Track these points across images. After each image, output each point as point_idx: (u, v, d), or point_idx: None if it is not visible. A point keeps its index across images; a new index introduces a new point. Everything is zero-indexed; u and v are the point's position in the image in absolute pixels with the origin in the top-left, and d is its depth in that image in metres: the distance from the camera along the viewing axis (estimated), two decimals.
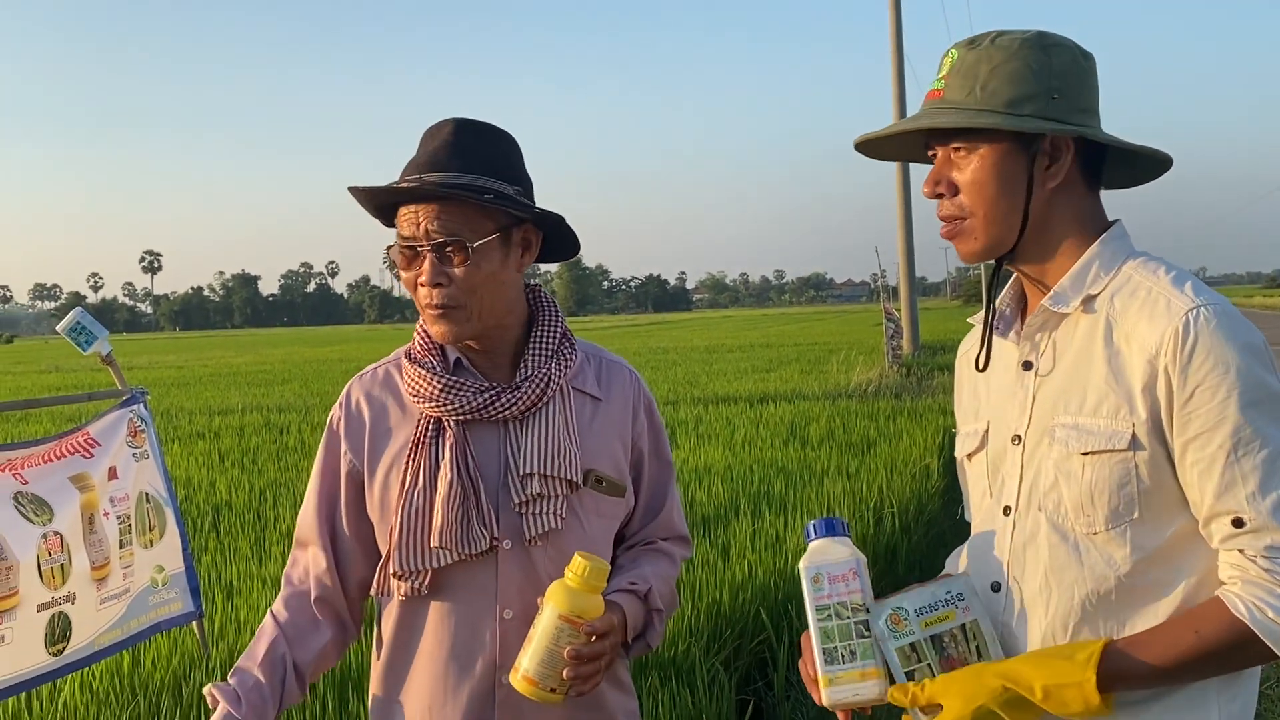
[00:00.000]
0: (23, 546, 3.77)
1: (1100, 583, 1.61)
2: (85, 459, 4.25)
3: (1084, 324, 1.67)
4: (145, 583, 4.44)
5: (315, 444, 12.54)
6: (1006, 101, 1.64)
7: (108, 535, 4.21)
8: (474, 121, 1.98)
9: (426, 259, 1.91)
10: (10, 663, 3.69)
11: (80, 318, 4.63)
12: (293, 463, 11.35)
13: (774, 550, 6.32)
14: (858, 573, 1.66)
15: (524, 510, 1.95)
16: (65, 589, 3.94)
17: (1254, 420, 1.51)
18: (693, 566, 5.92)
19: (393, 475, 2.00)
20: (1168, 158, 1.72)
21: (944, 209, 1.72)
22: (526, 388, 1.98)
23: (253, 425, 15.42)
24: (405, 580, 1.96)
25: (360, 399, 2.07)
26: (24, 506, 3.87)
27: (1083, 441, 1.62)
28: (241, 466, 11.25)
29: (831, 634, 1.64)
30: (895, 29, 25.00)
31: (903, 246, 25.52)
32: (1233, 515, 1.53)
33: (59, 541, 3.94)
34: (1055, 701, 1.52)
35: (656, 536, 2.20)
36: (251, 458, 11.96)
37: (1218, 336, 1.53)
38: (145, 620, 4.41)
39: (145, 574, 4.44)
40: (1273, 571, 1.50)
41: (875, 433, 11.52)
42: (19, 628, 3.73)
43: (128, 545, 4.33)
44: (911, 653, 1.63)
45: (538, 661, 1.81)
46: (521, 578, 1.96)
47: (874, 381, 18.32)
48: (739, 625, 5.21)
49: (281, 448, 12.79)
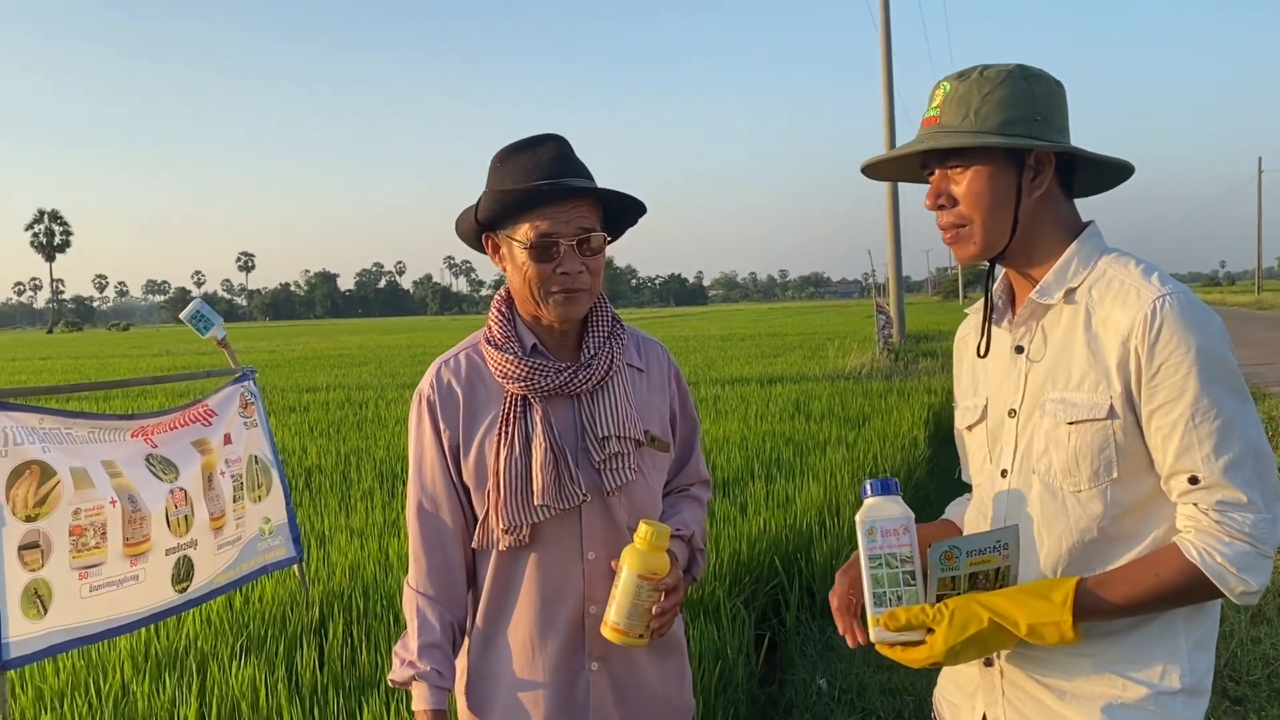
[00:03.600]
0: (153, 500, 3.83)
1: (1084, 533, 1.64)
2: (205, 427, 4.30)
3: (1067, 313, 1.68)
4: (254, 532, 4.50)
5: (390, 417, 12.70)
6: (998, 124, 1.65)
7: (223, 491, 4.27)
8: (563, 137, 1.99)
9: (566, 249, 1.92)
10: (144, 598, 3.76)
11: (200, 307, 4.66)
12: (371, 432, 11.40)
13: (785, 509, 6.33)
14: (908, 528, 1.63)
15: (603, 467, 1.98)
16: (189, 536, 4.00)
17: (1210, 393, 1.54)
18: (715, 522, 5.94)
19: (487, 445, 2.00)
20: (1130, 166, 1.73)
21: (944, 219, 1.73)
22: (596, 365, 2.00)
23: (336, 401, 15.48)
24: (511, 533, 1.97)
25: (451, 379, 2.06)
26: (154, 466, 3.93)
27: (1069, 412, 1.64)
28: (328, 436, 11.29)
29: (881, 580, 1.62)
30: (886, 60, 24.83)
31: (891, 249, 25.41)
32: (1189, 474, 1.56)
33: (184, 496, 4.00)
34: (1035, 635, 1.56)
35: (687, 483, 2.23)
36: (336, 428, 12.01)
37: (1180, 320, 1.55)
38: (254, 563, 4.47)
39: (254, 524, 4.50)
40: (1222, 523, 1.53)
41: (869, 409, 11.47)
42: (150, 569, 3.79)
43: (240, 500, 4.39)
44: (951, 584, 1.63)
45: (624, 615, 1.88)
46: (601, 525, 2.00)
47: (867, 365, 18.24)
48: (756, 571, 5.23)
49: (361, 419, 12.84)
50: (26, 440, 3.38)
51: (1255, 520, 1.52)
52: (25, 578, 3.30)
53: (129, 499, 3.69)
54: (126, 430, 3.92)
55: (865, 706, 4.32)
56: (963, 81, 1.70)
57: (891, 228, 25.15)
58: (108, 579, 3.58)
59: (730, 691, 4.09)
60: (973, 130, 1.66)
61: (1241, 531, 1.52)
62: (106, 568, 3.57)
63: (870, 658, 4.83)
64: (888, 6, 24.77)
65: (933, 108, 1.72)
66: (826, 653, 4.91)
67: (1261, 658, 4.48)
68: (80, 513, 3.48)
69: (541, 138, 1.98)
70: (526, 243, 1.92)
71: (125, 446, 3.87)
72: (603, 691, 2.02)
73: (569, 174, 1.93)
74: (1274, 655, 4.49)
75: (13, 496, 3.28)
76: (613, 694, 2.03)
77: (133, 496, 3.72)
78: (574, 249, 1.93)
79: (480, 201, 1.97)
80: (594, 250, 1.95)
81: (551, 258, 1.93)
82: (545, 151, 1.95)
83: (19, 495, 3.30)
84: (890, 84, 24.78)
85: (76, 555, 3.46)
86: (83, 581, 3.49)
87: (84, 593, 3.49)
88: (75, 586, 3.46)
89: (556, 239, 1.92)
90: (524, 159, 1.95)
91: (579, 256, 1.94)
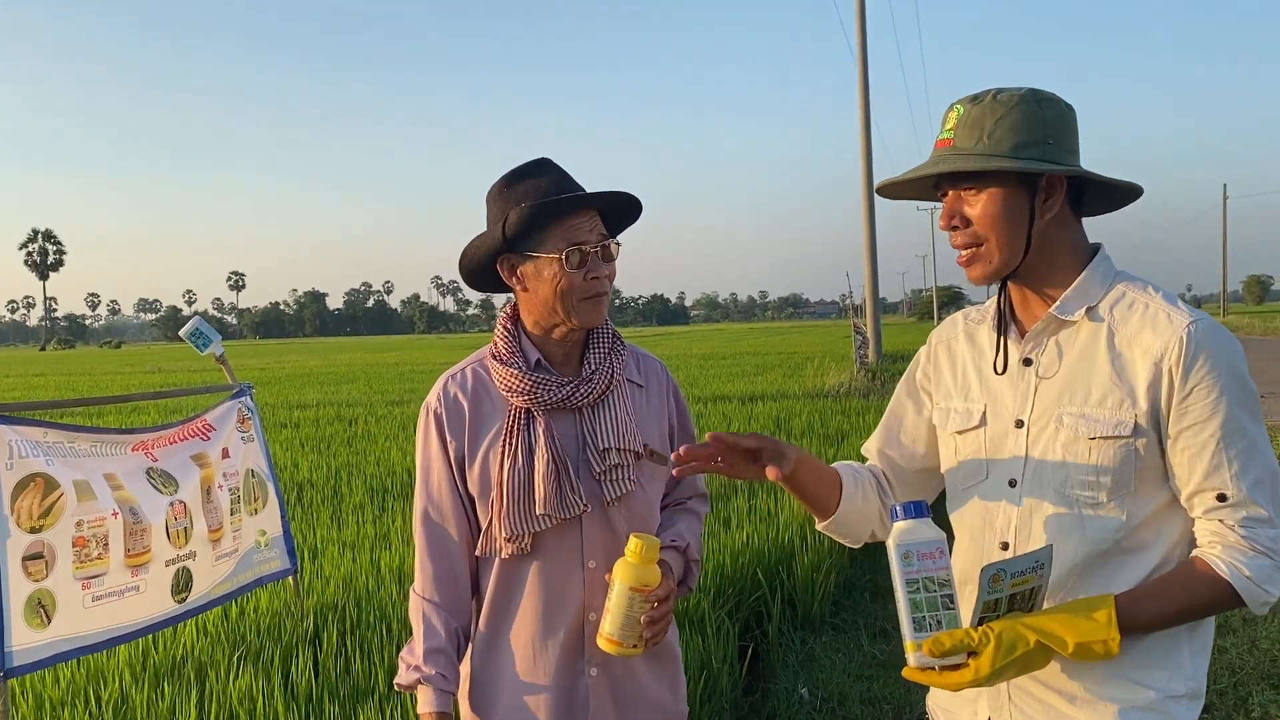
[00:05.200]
0: (154, 512, 3.83)
1: (1100, 544, 1.65)
2: (203, 441, 4.31)
3: (1086, 330, 1.69)
4: (251, 544, 4.50)
5: (380, 433, 12.70)
6: (1011, 147, 1.65)
7: (221, 504, 4.28)
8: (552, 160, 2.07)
9: (593, 255, 1.99)
10: (144, 608, 3.76)
11: (199, 325, 4.66)
12: (361, 448, 11.38)
13: (767, 523, 6.35)
14: (943, 551, 1.58)
15: (603, 478, 2.01)
16: (188, 548, 4.00)
17: (1239, 416, 1.58)
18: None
19: (491, 456, 2.03)
20: (1138, 188, 1.74)
21: (957, 239, 1.73)
22: (597, 380, 2.03)
23: (326, 417, 15.45)
24: (513, 542, 1.99)
25: (457, 393, 2.08)
26: (155, 480, 3.94)
27: (1090, 428, 1.64)
28: (319, 451, 11.27)
29: (920, 605, 1.57)
30: (863, 88, 25.03)
31: (868, 272, 25.52)
32: (1217, 491, 1.59)
33: (183, 509, 4.00)
34: (1082, 654, 1.55)
35: (684, 496, 2.26)
36: (327, 444, 11.99)
37: (1212, 346, 1.58)
38: (251, 575, 4.47)
39: (251, 537, 4.51)
40: (1248, 538, 1.57)
41: (848, 426, 11.52)
42: (150, 580, 3.79)
43: (237, 513, 4.40)
44: (994, 607, 1.59)
45: (618, 626, 1.89)
46: (601, 534, 2.02)
47: (845, 384, 18.30)
48: (739, 584, 5.25)
49: (352, 435, 12.82)
50: (31, 453, 3.39)
51: (1275, 535, 1.57)
52: (29, 588, 3.30)
53: (130, 511, 3.70)
54: (128, 444, 3.93)
55: (846, 715, 4.36)
56: (976, 105, 1.69)
57: (869, 250, 25.28)
58: (109, 589, 3.58)
59: (715, 700, 4.12)
60: (986, 153, 1.66)
61: (1265, 546, 1.56)
62: (108, 578, 3.58)
63: (851, 667, 4.87)
64: (864, 38, 24.99)
65: (946, 130, 1.72)
66: (808, 663, 4.94)
67: (1228, 667, 4.54)
68: (83, 524, 3.49)
69: (541, 161, 2.04)
70: (560, 254, 1.96)
71: (126, 460, 3.88)
72: (601, 697, 2.04)
73: (577, 189, 2.01)
74: (1239, 665, 4.55)
75: (18, 508, 3.29)
76: (611, 699, 2.05)
77: (134, 509, 3.73)
78: (598, 255, 2.00)
79: (508, 219, 1.98)
80: (613, 255, 2.03)
81: (584, 264, 1.99)
82: (553, 172, 2.02)
83: (24, 507, 3.31)
84: (867, 111, 24.96)
85: (79, 566, 3.47)
86: (85, 591, 3.49)
87: (86, 603, 3.49)
88: (78, 596, 3.46)
89: (584, 246, 1.98)
90: (534, 182, 2.00)
91: (602, 262, 2.01)
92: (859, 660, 4.98)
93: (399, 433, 12.81)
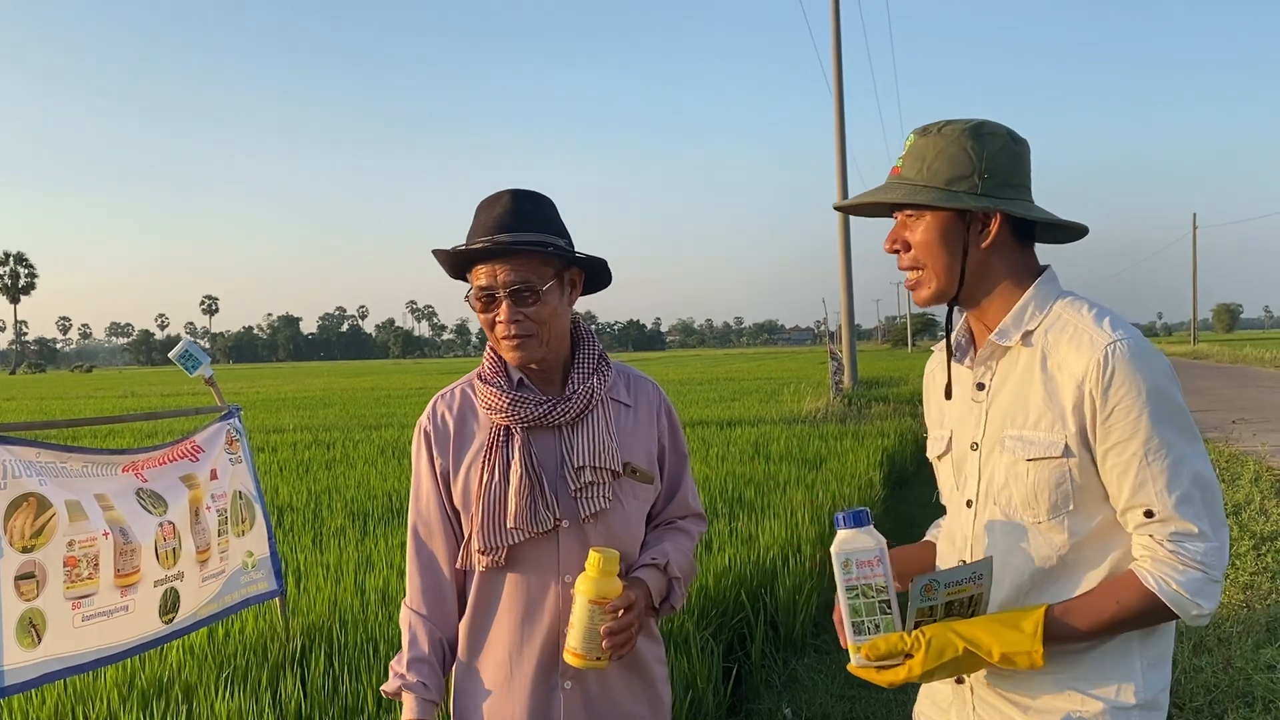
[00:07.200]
0: (143, 533, 3.84)
1: (1045, 561, 1.72)
2: (192, 462, 4.33)
3: (1024, 355, 1.75)
4: (238, 565, 4.51)
5: (359, 457, 12.68)
6: (945, 180, 1.73)
7: (209, 525, 4.29)
8: (526, 190, 2.08)
9: (504, 302, 2.03)
10: (133, 629, 3.76)
11: (189, 347, 4.66)
12: (341, 472, 11.35)
13: (749, 545, 6.41)
14: (881, 559, 1.66)
15: (579, 495, 2.06)
16: (176, 569, 4.01)
17: (1160, 432, 1.63)
18: None
19: (472, 472, 2.10)
20: (1083, 227, 1.81)
21: (902, 262, 1.82)
22: (576, 399, 2.09)
23: (304, 441, 15.35)
24: (487, 555, 2.05)
25: (445, 412, 2.17)
26: (144, 500, 3.95)
27: (1026, 449, 1.71)
28: (299, 475, 11.22)
29: (859, 610, 1.66)
30: (839, 118, 25.30)
31: (844, 298, 25.69)
32: (1144, 507, 1.64)
33: (172, 529, 4.01)
34: (1007, 662, 1.64)
35: (676, 516, 2.29)
36: (305, 468, 11.93)
37: (1131, 365, 1.63)
38: (237, 596, 4.48)
39: (238, 558, 4.52)
40: (1176, 553, 1.62)
41: (825, 451, 11.59)
42: (139, 600, 3.80)
43: (224, 534, 4.41)
44: (929, 614, 1.67)
45: (580, 640, 1.94)
46: (578, 550, 2.06)
47: (821, 409, 18.38)
48: (722, 605, 5.29)
49: (330, 460, 12.77)
50: (24, 473, 3.40)
51: (1205, 549, 1.62)
52: (21, 607, 3.31)
53: (120, 531, 3.71)
54: (118, 465, 3.94)
55: None
56: (924, 136, 1.77)
57: (844, 277, 25.47)
58: (99, 609, 3.59)
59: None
60: (921, 184, 1.75)
61: (1194, 560, 1.61)
62: (98, 598, 3.58)
63: (834, 688, 4.92)
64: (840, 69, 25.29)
65: (899, 158, 1.81)
66: (791, 683, 4.99)
67: (1204, 685, 4.62)
68: (74, 544, 3.50)
69: (500, 194, 2.08)
70: (469, 295, 2.07)
71: (117, 480, 3.89)
72: (575, 709, 2.08)
73: (521, 227, 2.02)
74: (1214, 683, 4.62)
75: (10, 528, 3.30)
76: (585, 712, 2.09)
77: (124, 529, 3.74)
78: (510, 301, 2.03)
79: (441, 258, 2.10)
80: (533, 301, 2.04)
81: (490, 309, 2.06)
82: (498, 207, 2.05)
83: (16, 526, 3.32)
84: (843, 139, 25.22)
85: (70, 585, 3.48)
86: (75, 611, 3.50)
87: (76, 622, 3.50)
88: (68, 616, 3.47)
89: (494, 291, 2.04)
90: (482, 215, 2.06)
91: (518, 307, 2.03)
92: (841, 681, 5.03)
93: (377, 457, 12.79)
